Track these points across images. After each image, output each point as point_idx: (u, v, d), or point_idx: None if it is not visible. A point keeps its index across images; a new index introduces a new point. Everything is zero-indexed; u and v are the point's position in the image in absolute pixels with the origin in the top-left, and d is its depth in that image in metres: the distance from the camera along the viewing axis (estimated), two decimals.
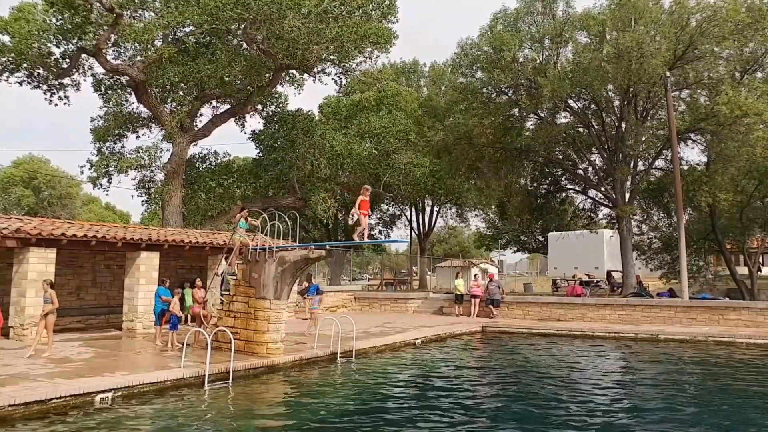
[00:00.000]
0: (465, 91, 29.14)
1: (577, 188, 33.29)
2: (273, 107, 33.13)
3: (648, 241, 33.63)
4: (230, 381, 11.65)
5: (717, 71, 24.98)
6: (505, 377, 13.80)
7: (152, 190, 29.22)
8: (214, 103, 31.18)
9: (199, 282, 16.66)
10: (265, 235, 14.54)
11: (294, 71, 29.53)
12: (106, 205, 68.02)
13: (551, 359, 16.37)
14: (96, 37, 24.94)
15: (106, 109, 29.96)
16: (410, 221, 46.22)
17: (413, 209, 45.36)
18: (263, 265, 13.77)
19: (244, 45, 27.51)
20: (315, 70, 28.02)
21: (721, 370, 14.52)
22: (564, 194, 35.45)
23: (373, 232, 42.95)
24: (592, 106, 27.89)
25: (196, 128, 29.33)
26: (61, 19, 24.68)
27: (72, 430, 8.67)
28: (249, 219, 16.12)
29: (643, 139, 26.62)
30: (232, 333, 12.81)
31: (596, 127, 28.18)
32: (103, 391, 10.01)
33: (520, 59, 27.14)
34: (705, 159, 28.45)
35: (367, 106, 34.79)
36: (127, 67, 26.29)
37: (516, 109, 29.13)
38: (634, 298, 24.40)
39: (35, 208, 52.70)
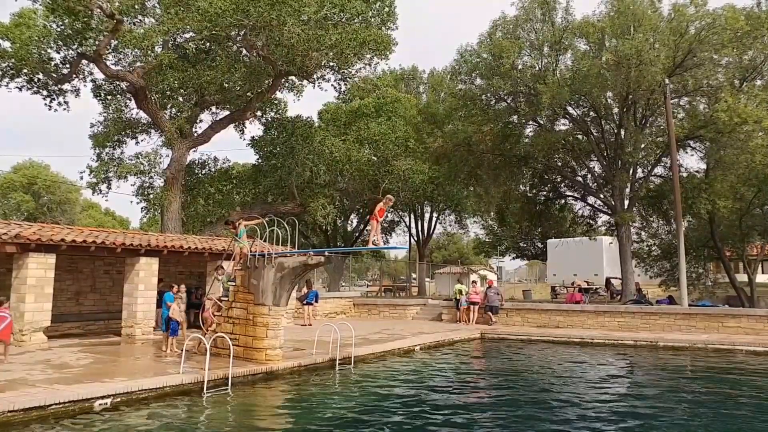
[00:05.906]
0: (464, 97, 29.16)
1: (576, 195, 33.27)
2: (272, 113, 33.20)
3: (647, 248, 33.60)
4: (229, 387, 11.62)
5: (716, 79, 25.04)
6: (503, 384, 13.75)
7: (151, 196, 29.21)
8: (213, 109, 31.25)
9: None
10: (264, 241, 14.53)
11: (293, 77, 29.59)
12: (106, 210, 67.94)
13: (550, 366, 16.33)
14: (96, 43, 25.02)
15: (105, 114, 30.03)
16: (409, 228, 46.20)
17: (412, 216, 45.34)
18: (262, 272, 13.76)
19: (244, 51, 27.60)
20: (314, 76, 28.08)
21: (720, 377, 14.50)
22: (563, 201, 35.44)
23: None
24: (591, 113, 27.91)
25: (195, 134, 29.36)
26: (61, 25, 24.75)
27: None
28: (248, 223, 16.09)
29: (642, 146, 26.65)
30: (231, 339, 12.80)
31: (595, 134, 28.19)
32: (102, 397, 10.00)
33: (519, 66, 27.20)
34: (704, 166, 28.46)
35: (366, 112, 34.82)
36: (127, 72, 26.34)
37: (515, 116, 29.15)
38: (634, 305, 24.36)
39: (35, 213, 52.61)
